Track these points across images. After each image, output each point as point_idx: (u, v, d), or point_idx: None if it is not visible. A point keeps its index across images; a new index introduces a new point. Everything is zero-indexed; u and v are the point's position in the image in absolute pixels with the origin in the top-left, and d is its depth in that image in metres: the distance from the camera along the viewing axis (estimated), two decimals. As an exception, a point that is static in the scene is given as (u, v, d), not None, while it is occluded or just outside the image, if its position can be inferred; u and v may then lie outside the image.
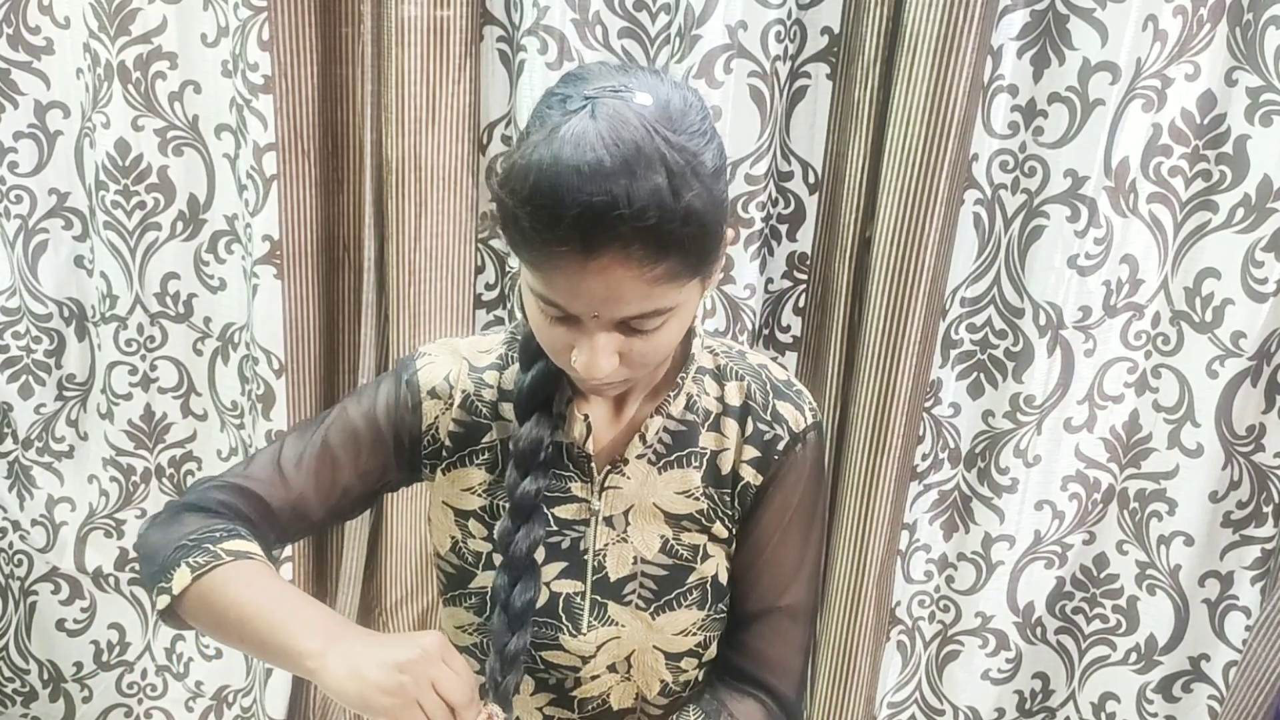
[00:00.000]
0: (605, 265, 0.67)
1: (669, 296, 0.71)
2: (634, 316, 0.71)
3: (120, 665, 1.80)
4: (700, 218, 0.68)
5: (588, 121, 0.66)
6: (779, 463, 0.88)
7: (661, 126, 0.67)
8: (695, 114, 0.72)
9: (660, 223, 0.66)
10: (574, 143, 0.65)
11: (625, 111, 0.67)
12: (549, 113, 0.70)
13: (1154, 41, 1.32)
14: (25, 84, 1.52)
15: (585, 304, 0.70)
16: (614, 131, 0.65)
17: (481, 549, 0.89)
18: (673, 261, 0.68)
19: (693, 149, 0.68)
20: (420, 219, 1.48)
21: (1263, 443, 1.43)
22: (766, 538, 0.89)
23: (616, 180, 0.64)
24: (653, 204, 0.65)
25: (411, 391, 0.89)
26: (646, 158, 0.65)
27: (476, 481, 0.89)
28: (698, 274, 0.73)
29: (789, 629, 0.91)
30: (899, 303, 1.38)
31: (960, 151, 1.33)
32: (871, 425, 1.44)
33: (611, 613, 0.88)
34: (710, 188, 0.69)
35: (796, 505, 0.89)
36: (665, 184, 0.65)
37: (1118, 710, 1.60)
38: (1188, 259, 1.42)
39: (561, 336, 0.75)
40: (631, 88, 0.70)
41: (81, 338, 1.66)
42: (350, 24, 1.48)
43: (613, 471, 0.87)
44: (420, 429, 0.89)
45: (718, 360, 0.90)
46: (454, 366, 0.89)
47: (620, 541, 0.88)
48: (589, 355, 0.73)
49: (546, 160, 0.65)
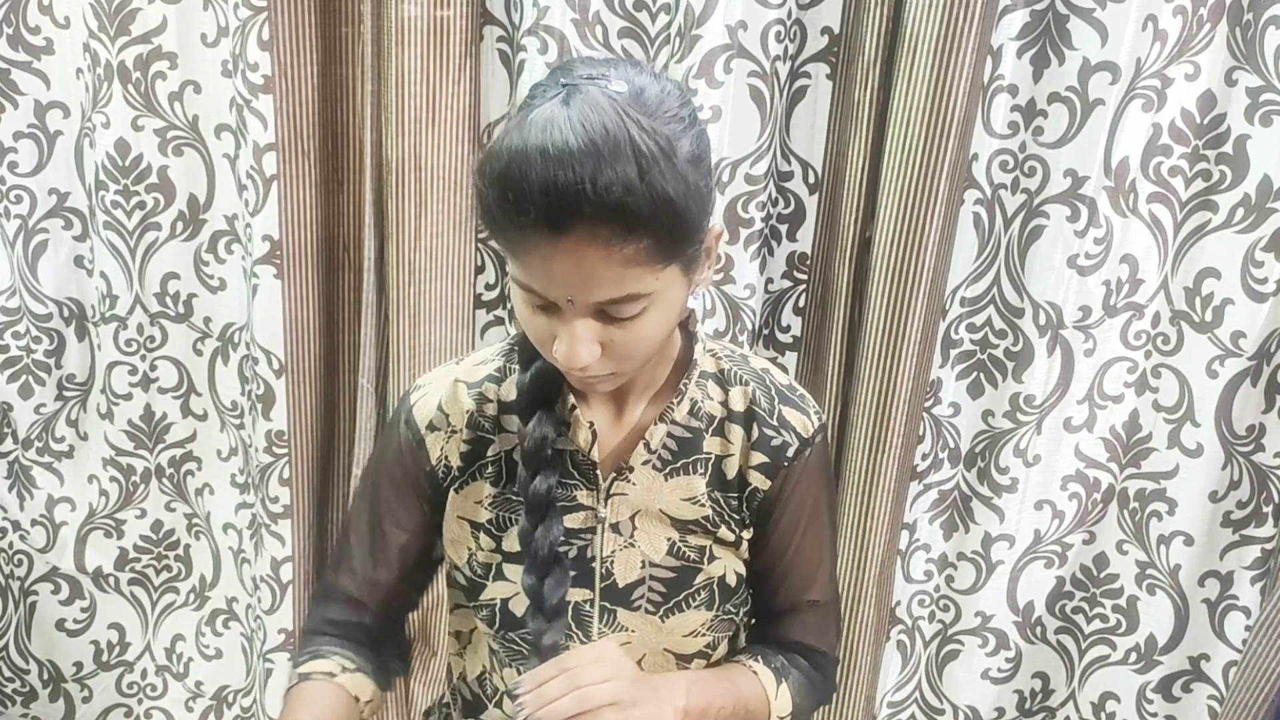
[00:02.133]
0: (574, 245, 0.67)
1: (643, 281, 0.71)
2: (609, 301, 0.71)
3: (120, 665, 1.80)
4: (670, 200, 0.68)
5: (559, 106, 0.67)
6: (789, 469, 0.88)
7: (634, 110, 0.68)
8: (672, 101, 0.72)
9: (626, 201, 0.66)
10: (543, 126, 0.66)
11: (597, 96, 0.68)
12: (529, 103, 0.71)
13: (1154, 41, 1.32)
14: (25, 84, 1.51)
15: (559, 287, 0.71)
16: (583, 115, 0.66)
17: (490, 561, 0.89)
18: (643, 242, 0.68)
19: (665, 133, 0.69)
20: (420, 219, 1.48)
21: (1262, 443, 1.43)
22: (787, 541, 0.91)
23: (582, 160, 0.65)
24: (618, 182, 0.65)
25: (412, 431, 0.90)
26: (614, 139, 0.66)
27: (484, 494, 0.89)
28: (673, 258, 0.72)
29: (818, 620, 0.96)
30: (899, 303, 1.38)
31: (960, 151, 1.33)
32: (871, 425, 1.44)
33: (621, 619, 0.88)
34: (684, 172, 0.69)
35: (812, 507, 0.91)
36: (633, 163, 0.66)
37: (1117, 710, 1.61)
38: (1188, 259, 1.42)
39: (544, 326, 0.75)
40: (609, 76, 0.71)
41: (81, 338, 1.66)
42: (350, 24, 1.48)
43: (618, 479, 0.87)
44: (431, 463, 0.90)
45: (720, 364, 0.90)
46: (446, 392, 0.90)
47: (628, 547, 0.88)
48: (568, 343, 0.73)
49: (516, 143, 0.67)
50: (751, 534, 0.91)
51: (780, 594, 0.94)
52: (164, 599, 1.80)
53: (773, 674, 0.92)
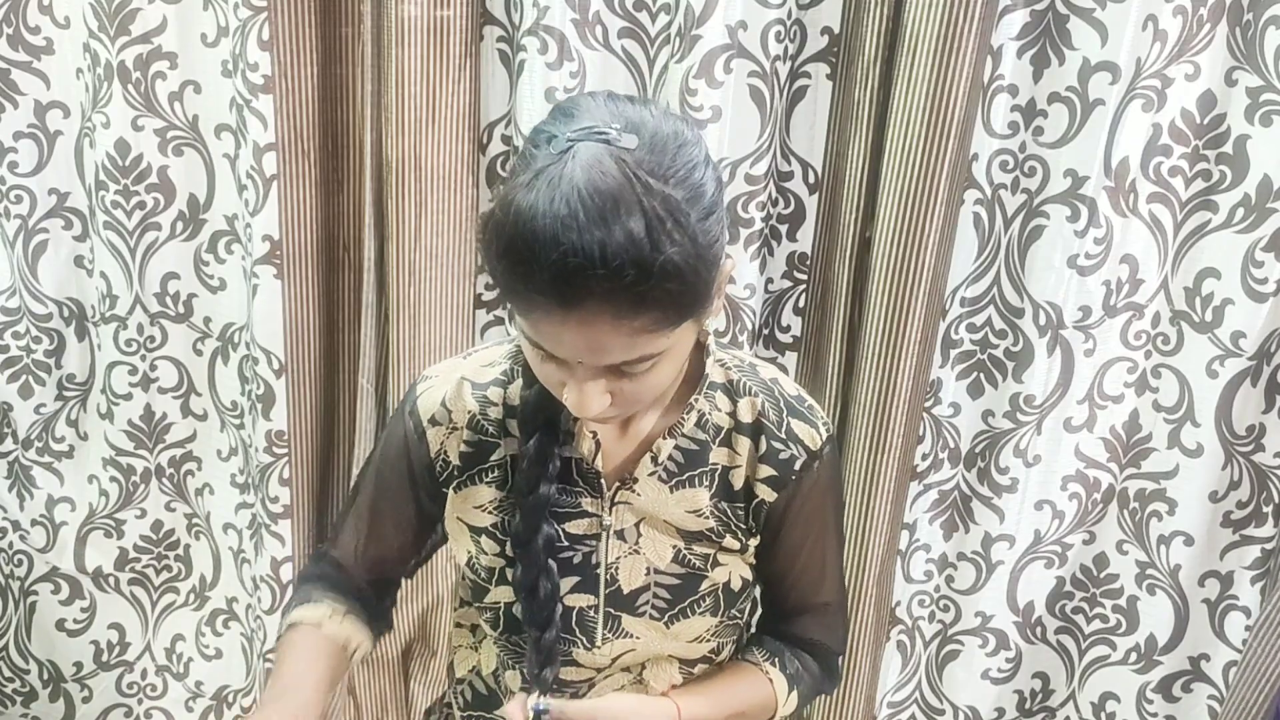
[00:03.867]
0: (584, 318, 0.66)
1: (655, 344, 0.70)
2: (620, 364, 0.71)
3: (120, 665, 1.81)
4: (681, 271, 0.65)
5: (565, 170, 0.65)
6: (797, 481, 0.88)
7: (643, 172, 0.65)
8: (688, 151, 0.69)
9: (638, 278, 0.64)
10: (549, 194, 0.64)
11: (605, 159, 0.65)
12: (534, 153, 0.68)
13: (1154, 41, 1.32)
14: (25, 84, 1.51)
15: (569, 352, 0.70)
16: (591, 182, 0.64)
17: (494, 565, 0.89)
18: (654, 314, 0.67)
19: (677, 197, 0.66)
20: (420, 219, 1.48)
21: (1262, 443, 1.43)
22: (796, 551, 0.92)
23: (591, 233, 0.62)
24: (629, 260, 0.63)
25: (415, 422, 0.90)
26: (626, 207, 0.63)
27: (487, 499, 0.89)
28: (684, 321, 0.71)
29: (826, 619, 0.98)
30: (899, 303, 1.38)
31: (960, 151, 1.33)
32: (871, 425, 1.44)
33: (626, 625, 0.88)
34: (694, 234, 0.67)
35: (820, 518, 0.91)
36: (644, 236, 0.63)
37: (1118, 710, 1.61)
38: (1188, 259, 1.42)
39: (553, 373, 0.75)
40: (619, 129, 0.67)
41: (81, 338, 1.66)
42: (350, 24, 1.48)
43: (623, 488, 0.87)
44: (430, 456, 0.90)
45: (729, 374, 0.89)
46: (451, 389, 0.89)
47: (633, 554, 0.87)
48: (577, 397, 0.73)
49: (524, 212, 0.64)
50: (759, 541, 0.90)
51: (790, 599, 0.96)
52: (164, 599, 1.80)
53: (786, 680, 0.94)
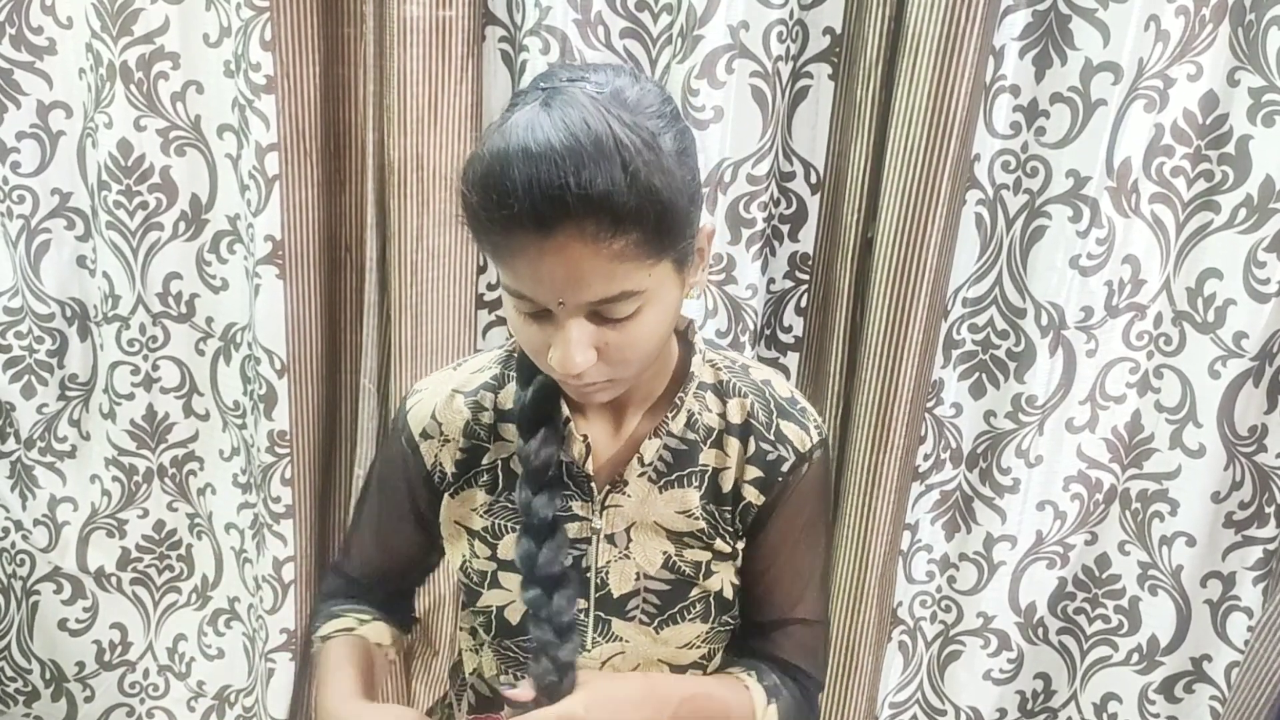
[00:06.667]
0: (562, 244, 0.67)
1: (635, 277, 0.70)
2: (601, 300, 0.70)
3: (122, 665, 1.81)
4: (656, 191, 0.67)
5: (539, 108, 0.68)
6: (783, 483, 0.87)
7: (614, 106, 0.68)
8: (653, 99, 0.72)
9: (611, 194, 0.65)
10: (525, 126, 0.67)
11: (578, 95, 0.68)
12: (511, 108, 0.72)
13: (1156, 42, 1.32)
14: (28, 84, 1.52)
15: (549, 288, 0.70)
16: (564, 113, 0.66)
17: (485, 568, 0.89)
18: (631, 236, 0.68)
19: (649, 127, 0.69)
20: (422, 219, 1.48)
21: (1265, 443, 1.43)
22: (773, 554, 0.90)
23: (565, 156, 0.65)
24: (601, 175, 0.65)
25: (407, 437, 0.90)
26: (596, 134, 0.66)
27: (479, 502, 0.89)
28: (663, 252, 0.71)
29: (805, 636, 0.94)
30: (901, 303, 1.38)
31: (962, 152, 1.33)
32: (873, 425, 1.44)
33: (615, 629, 0.88)
34: (668, 165, 0.69)
35: (804, 522, 0.89)
36: (616, 156, 0.66)
37: (1119, 711, 1.60)
38: (1190, 259, 1.42)
39: (538, 335, 0.74)
40: (588, 78, 0.71)
41: (84, 338, 1.66)
42: (352, 24, 1.48)
43: (613, 491, 0.87)
44: (426, 469, 0.90)
45: (719, 375, 0.89)
46: (441, 400, 0.90)
47: (623, 558, 0.87)
48: (563, 349, 0.72)
49: (498, 145, 0.67)
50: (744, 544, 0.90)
51: (766, 606, 0.92)
52: (166, 599, 1.80)
53: (764, 691, 0.90)
